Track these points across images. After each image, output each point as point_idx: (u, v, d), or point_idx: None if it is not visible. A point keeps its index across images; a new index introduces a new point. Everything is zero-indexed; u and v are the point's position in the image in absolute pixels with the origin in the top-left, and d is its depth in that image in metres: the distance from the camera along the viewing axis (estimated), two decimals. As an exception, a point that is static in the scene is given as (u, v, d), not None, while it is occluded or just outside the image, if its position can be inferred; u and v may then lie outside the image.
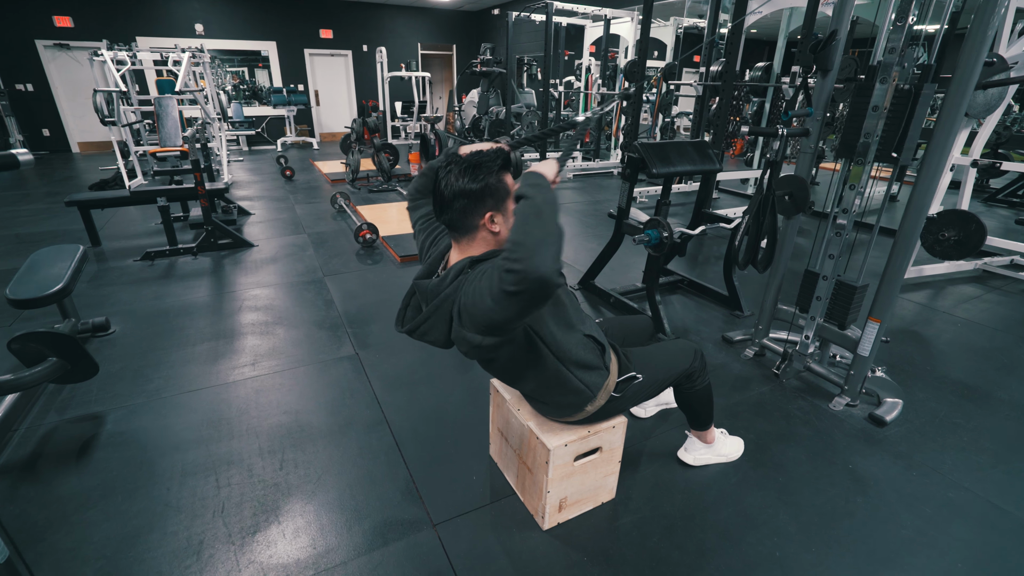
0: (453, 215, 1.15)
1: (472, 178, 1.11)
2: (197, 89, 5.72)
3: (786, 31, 5.81)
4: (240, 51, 9.87)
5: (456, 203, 1.12)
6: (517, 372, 1.32)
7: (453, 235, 1.21)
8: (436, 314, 1.19)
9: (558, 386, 1.34)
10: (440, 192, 1.15)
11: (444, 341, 1.23)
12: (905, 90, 1.78)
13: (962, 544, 1.54)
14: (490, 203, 1.14)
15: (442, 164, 1.18)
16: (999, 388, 2.35)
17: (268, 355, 2.47)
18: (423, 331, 1.24)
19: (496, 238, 1.19)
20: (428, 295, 1.22)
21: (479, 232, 1.17)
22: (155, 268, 3.53)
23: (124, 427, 1.95)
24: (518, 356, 1.26)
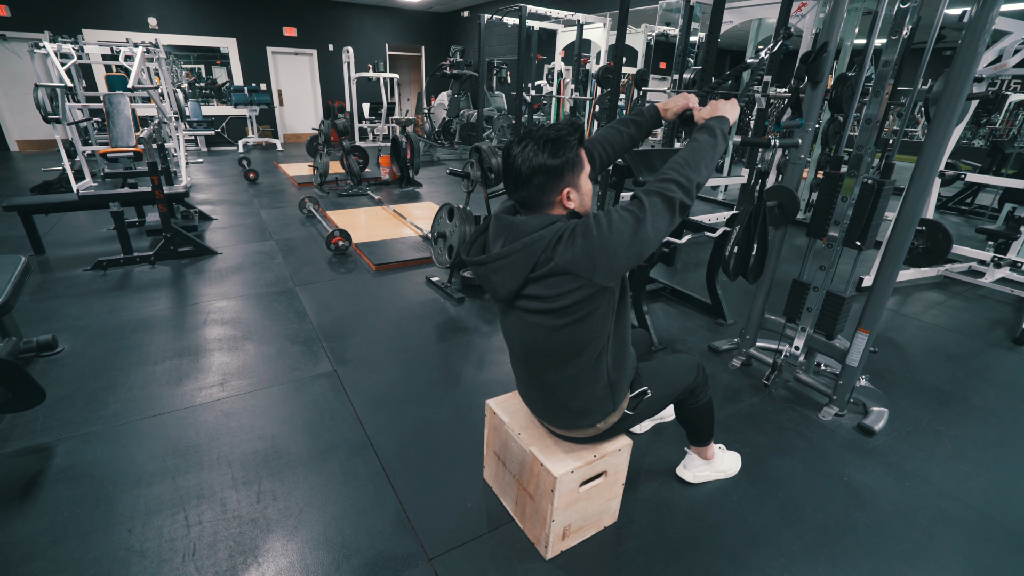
0: (531, 191, 1.12)
1: (552, 153, 1.09)
2: (152, 86, 5.39)
3: (755, 41, 5.96)
4: (197, 47, 9.43)
5: (535, 179, 1.10)
6: (566, 354, 1.22)
7: (526, 212, 1.18)
8: (520, 254, 1.11)
9: (591, 383, 1.26)
10: (516, 168, 1.11)
11: (512, 287, 1.15)
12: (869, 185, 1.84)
13: (960, 556, 1.55)
14: (569, 178, 1.13)
15: (515, 140, 1.14)
16: (974, 394, 2.42)
17: (238, 374, 2.30)
18: (498, 267, 1.15)
19: (570, 211, 1.17)
20: (513, 231, 1.14)
21: (554, 208, 1.16)
22: (108, 278, 3.27)
23: (76, 459, 1.76)
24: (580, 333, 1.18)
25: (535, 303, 1.16)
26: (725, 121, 1.26)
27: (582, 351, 1.22)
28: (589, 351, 1.22)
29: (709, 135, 1.21)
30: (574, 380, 1.26)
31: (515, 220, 1.15)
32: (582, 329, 1.18)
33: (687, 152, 1.17)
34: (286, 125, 10.61)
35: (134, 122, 5.66)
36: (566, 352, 1.22)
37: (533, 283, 1.14)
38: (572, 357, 1.23)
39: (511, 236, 1.15)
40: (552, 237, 1.09)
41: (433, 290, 3.32)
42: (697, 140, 1.20)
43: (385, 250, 3.94)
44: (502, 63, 10.30)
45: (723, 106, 1.30)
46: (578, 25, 7.05)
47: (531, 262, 1.11)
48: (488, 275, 1.19)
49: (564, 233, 1.09)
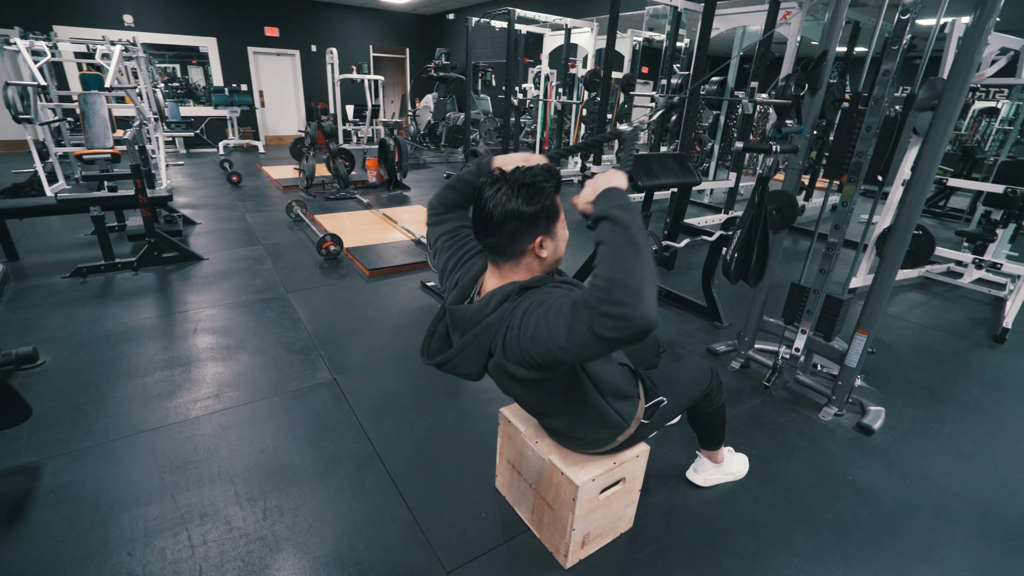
0: (502, 238, 1.05)
1: (527, 200, 1.02)
2: (130, 86, 5.22)
3: (739, 47, 6.07)
4: (174, 46, 9.18)
5: (507, 226, 1.03)
6: (553, 407, 1.23)
7: (494, 259, 1.11)
8: (474, 344, 1.08)
9: (594, 420, 1.26)
10: (487, 213, 1.04)
11: (478, 373, 1.14)
12: (892, 117, 1.85)
13: (964, 550, 1.58)
14: (542, 226, 1.06)
15: (487, 181, 1.06)
16: (962, 391, 2.49)
17: (233, 384, 2.23)
18: (456, 363, 1.14)
19: (542, 263, 1.10)
20: (465, 323, 1.11)
21: (525, 257, 1.09)
22: (89, 286, 3.14)
23: (66, 479, 1.67)
24: (558, 390, 1.17)
25: (504, 381, 1.16)
26: (619, 193, 0.95)
27: (570, 405, 1.22)
28: (576, 400, 1.22)
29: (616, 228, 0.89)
30: (578, 424, 1.28)
31: (466, 312, 1.11)
32: (554, 391, 1.18)
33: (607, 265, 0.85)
34: (268, 127, 10.41)
35: (111, 123, 5.47)
36: (551, 408, 1.23)
37: (492, 369, 1.13)
38: (562, 411, 1.24)
39: (466, 327, 1.12)
40: (498, 324, 1.05)
41: (429, 295, 3.28)
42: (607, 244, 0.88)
43: (377, 255, 3.88)
44: (487, 66, 10.29)
45: (602, 181, 0.99)
46: (566, 29, 7.09)
47: (485, 350, 1.09)
48: (455, 369, 1.16)
49: (506, 323, 1.04)
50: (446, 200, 1.32)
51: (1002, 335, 3.04)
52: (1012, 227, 3.81)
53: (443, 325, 1.22)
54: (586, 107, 7.68)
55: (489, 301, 1.07)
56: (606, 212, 0.92)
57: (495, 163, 1.19)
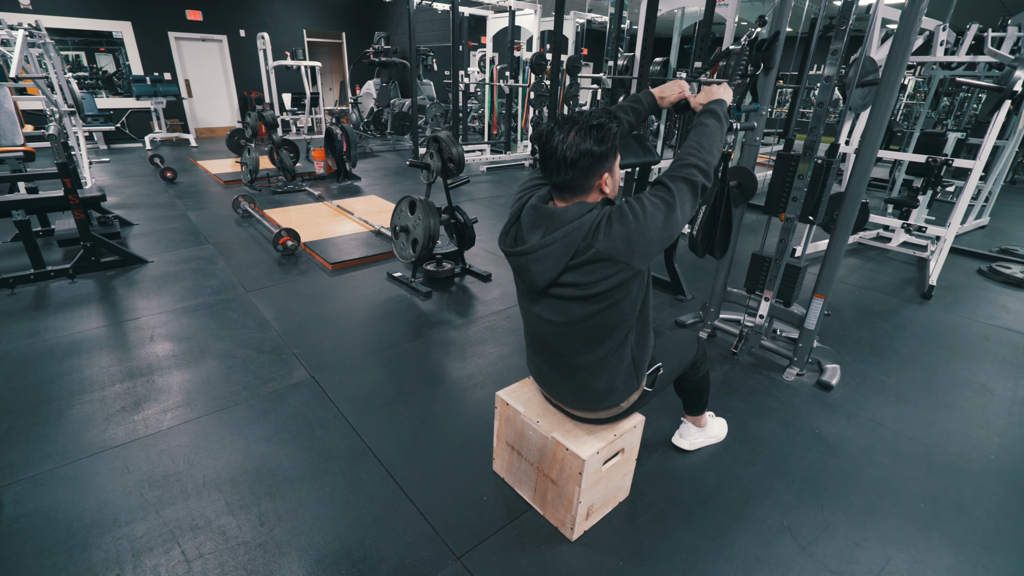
0: (575, 174, 1.13)
1: (598, 140, 1.11)
2: (40, 75, 4.72)
3: (680, 29, 6.24)
4: (80, 31, 8.34)
5: (581, 162, 1.11)
6: (601, 333, 1.26)
7: (563, 195, 1.19)
8: (563, 240, 1.14)
9: (618, 364, 1.32)
10: (561, 153, 1.12)
11: (551, 275, 1.18)
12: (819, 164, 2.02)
13: (917, 485, 1.77)
14: (609, 164, 1.16)
15: (556, 124, 1.15)
16: (901, 345, 2.74)
17: (204, 391, 2.12)
18: (538, 257, 1.18)
19: (604, 198, 1.20)
20: (553, 220, 1.17)
21: (592, 192, 1.18)
22: (19, 298, 2.86)
23: (30, 507, 1.54)
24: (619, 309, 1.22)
25: (571, 290, 1.19)
26: (724, 103, 1.35)
27: (612, 333, 1.26)
28: (619, 333, 1.27)
29: (715, 119, 1.29)
30: (602, 362, 1.30)
31: (554, 210, 1.17)
32: (615, 312, 1.22)
33: (700, 137, 1.23)
34: (197, 118, 9.72)
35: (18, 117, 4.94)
36: (598, 335, 1.26)
37: (571, 271, 1.17)
38: (603, 339, 1.27)
39: (551, 226, 1.17)
40: (591, 224, 1.13)
41: (397, 286, 3.23)
42: (706, 124, 1.27)
43: (338, 248, 3.76)
44: (428, 50, 10.05)
45: (717, 91, 1.38)
46: (510, 12, 7.03)
47: (572, 249, 1.14)
48: (528, 265, 1.20)
49: (602, 220, 1.13)
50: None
51: (929, 292, 3.36)
52: (930, 193, 4.19)
53: (516, 227, 1.26)
54: (534, 90, 7.68)
55: (576, 208, 1.15)
56: (713, 108, 1.32)
57: (655, 92, 1.46)
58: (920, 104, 8.27)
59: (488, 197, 5.73)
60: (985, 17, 5.07)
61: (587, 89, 9.21)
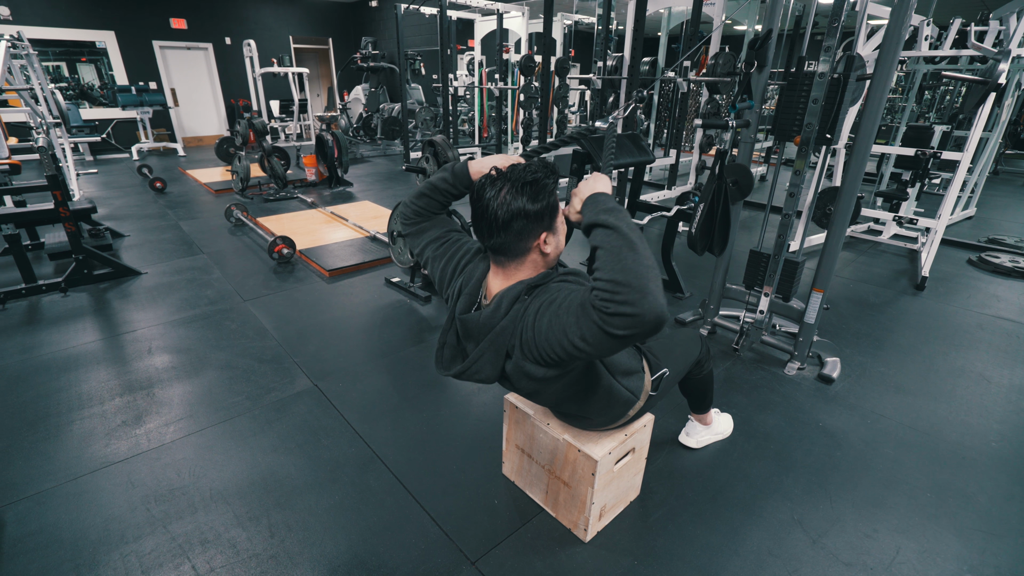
0: (508, 238, 1.03)
1: (532, 198, 1.01)
2: (24, 87, 4.65)
3: (667, 28, 6.29)
4: (61, 41, 8.23)
5: (514, 225, 1.01)
6: (568, 396, 1.24)
7: (498, 259, 1.09)
8: (490, 350, 1.08)
9: (608, 401, 1.29)
10: (492, 213, 1.01)
11: (495, 377, 1.13)
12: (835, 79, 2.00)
13: (922, 474, 1.79)
14: (547, 222, 1.05)
15: (486, 182, 1.04)
16: (898, 336, 2.77)
17: (206, 402, 2.09)
18: (474, 371, 1.13)
19: (545, 259, 1.10)
20: (478, 330, 1.10)
21: (530, 254, 1.07)
22: (10, 314, 2.81)
23: (34, 525, 1.52)
24: (574, 381, 1.18)
25: (520, 380, 1.13)
26: (606, 198, 1.00)
27: (585, 393, 1.24)
28: (591, 387, 1.24)
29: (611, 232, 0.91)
30: (592, 407, 1.30)
31: (479, 320, 1.10)
32: (573, 384, 1.19)
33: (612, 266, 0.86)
34: (185, 127, 9.62)
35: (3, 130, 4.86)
36: (570, 396, 1.24)
37: (510, 371, 1.12)
38: (577, 399, 1.25)
39: (479, 335, 1.11)
40: (512, 326, 1.05)
41: (396, 291, 3.21)
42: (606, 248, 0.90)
43: (334, 255, 3.74)
44: (416, 54, 10.03)
45: (587, 187, 1.04)
46: (498, 15, 7.04)
47: (502, 353, 1.09)
48: (472, 377, 1.15)
49: (520, 324, 1.04)
50: (420, 209, 1.27)
51: (922, 283, 3.41)
52: (919, 186, 4.25)
53: (452, 334, 1.19)
54: (523, 92, 7.69)
55: (499, 305, 1.06)
56: (595, 219, 0.95)
57: (474, 167, 1.19)
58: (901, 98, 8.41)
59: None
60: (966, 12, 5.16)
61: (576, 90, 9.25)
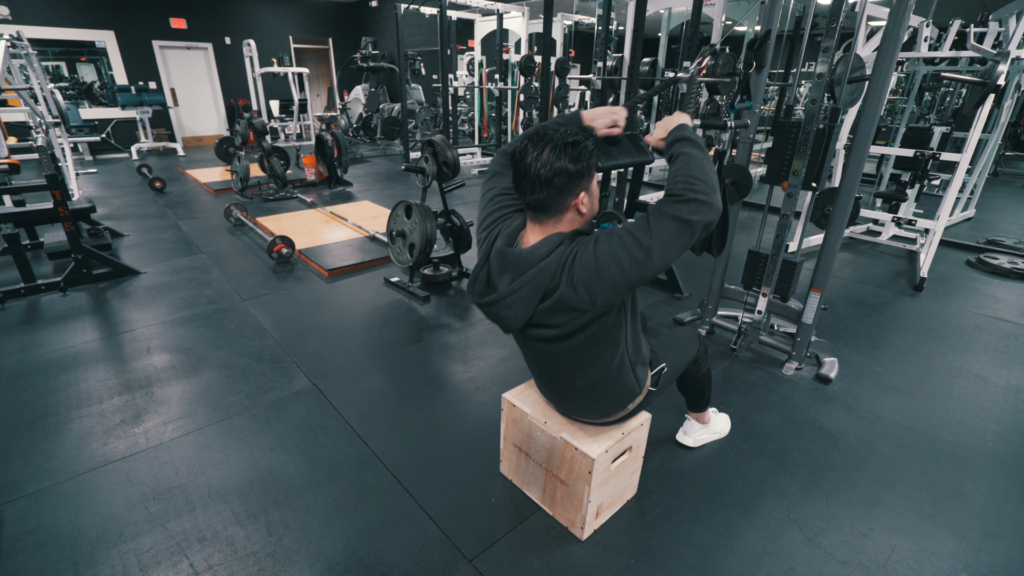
0: (549, 194, 1.09)
1: (573, 158, 1.07)
2: (23, 87, 4.66)
3: (667, 29, 6.30)
4: (61, 41, 8.23)
5: (556, 181, 1.08)
6: (587, 359, 1.24)
7: (536, 215, 1.15)
8: (529, 285, 1.11)
9: (615, 380, 1.30)
10: (535, 172, 1.08)
11: (523, 319, 1.15)
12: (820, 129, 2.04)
13: (918, 474, 1.79)
14: (585, 183, 1.11)
15: (529, 140, 1.10)
16: (896, 337, 2.78)
17: (205, 401, 2.10)
18: (506, 304, 1.15)
19: (582, 218, 1.16)
20: (518, 264, 1.14)
21: (568, 212, 1.14)
22: (9, 313, 2.82)
23: (32, 523, 1.52)
24: (598, 340, 1.20)
25: (547, 331, 1.17)
26: (688, 128, 1.21)
27: (600, 356, 1.25)
28: (607, 356, 1.26)
29: (692, 146, 1.15)
30: (599, 381, 1.30)
31: (520, 253, 1.14)
32: (598, 342, 1.21)
33: (687, 168, 1.09)
34: (184, 127, 9.63)
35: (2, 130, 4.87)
36: (588, 361, 1.25)
37: (542, 313, 1.14)
38: (593, 363, 1.26)
39: (519, 269, 1.13)
40: (558, 265, 1.09)
41: (395, 291, 3.22)
42: (687, 154, 1.13)
43: (333, 254, 3.74)
44: (416, 54, 10.05)
45: (673, 119, 1.24)
46: (498, 15, 7.05)
47: (540, 292, 1.11)
48: (499, 312, 1.17)
49: (567, 261, 1.09)
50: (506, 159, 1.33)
51: (920, 284, 3.41)
52: (917, 187, 4.25)
53: (485, 271, 1.22)
54: (523, 92, 7.70)
55: (543, 244, 1.11)
56: (681, 135, 1.18)
57: (585, 117, 1.29)
58: (902, 99, 8.41)
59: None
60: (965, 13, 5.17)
61: (576, 90, 9.26)
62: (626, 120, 1.29)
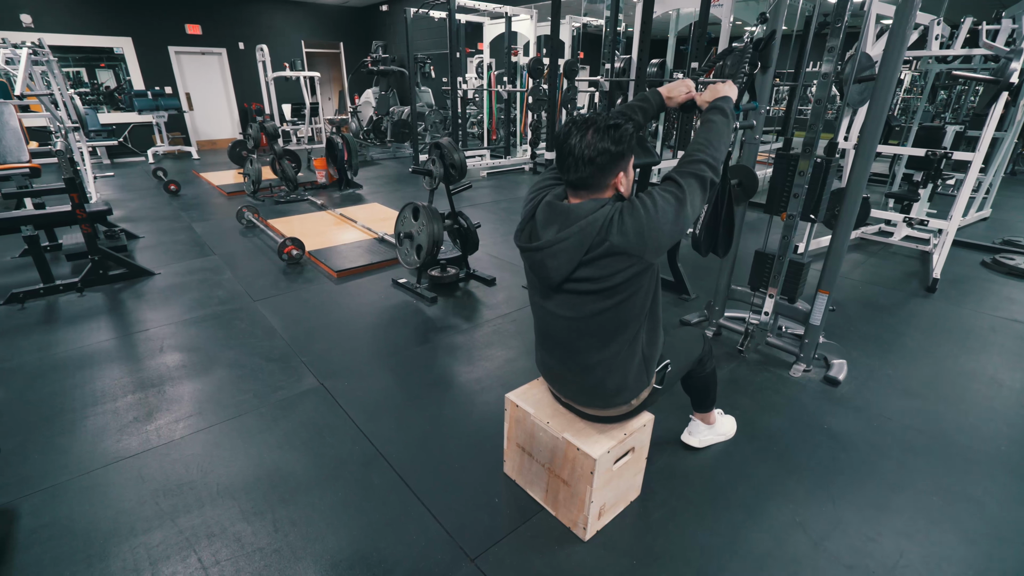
0: (592, 171, 1.16)
1: (615, 140, 1.14)
2: (44, 93, 4.78)
3: (675, 30, 6.28)
4: (81, 48, 8.43)
5: (598, 160, 1.14)
6: (614, 322, 1.27)
7: (578, 193, 1.22)
8: (577, 235, 1.17)
9: (628, 360, 1.33)
10: (579, 151, 1.15)
11: (567, 269, 1.20)
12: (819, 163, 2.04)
13: (929, 478, 1.77)
14: (624, 163, 1.19)
15: (574, 123, 1.18)
16: (907, 339, 2.74)
17: (214, 400, 2.13)
18: (553, 252, 1.20)
19: (616, 194, 1.22)
20: (568, 215, 1.20)
21: (607, 191, 1.20)
22: (29, 312, 2.89)
23: (48, 517, 1.56)
24: (630, 304, 1.25)
25: (586, 284, 1.21)
26: (730, 100, 1.38)
27: (625, 329, 1.28)
28: (631, 329, 1.29)
29: (722, 115, 1.32)
30: (614, 358, 1.31)
31: (569, 206, 1.20)
32: (627, 307, 1.25)
33: (707, 134, 1.27)
34: (199, 131, 9.80)
35: (24, 134, 4.99)
36: (610, 331, 1.28)
37: (586, 265, 1.19)
38: (615, 335, 1.29)
39: (566, 221, 1.20)
40: (605, 219, 1.15)
41: (403, 292, 3.24)
42: (712, 121, 1.30)
43: (342, 256, 3.79)
44: (426, 58, 10.12)
45: (722, 88, 1.41)
46: (506, 18, 7.08)
47: (586, 244, 1.16)
48: (544, 260, 1.23)
49: (615, 215, 1.16)
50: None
51: (933, 285, 3.36)
52: (930, 187, 4.19)
53: (531, 224, 1.29)
54: (531, 94, 7.72)
55: (589, 204, 1.19)
56: (720, 104, 1.35)
57: (663, 91, 1.48)
58: (917, 98, 8.29)
59: (490, 202, 5.75)
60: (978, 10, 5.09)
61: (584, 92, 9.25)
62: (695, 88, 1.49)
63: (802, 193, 2.19)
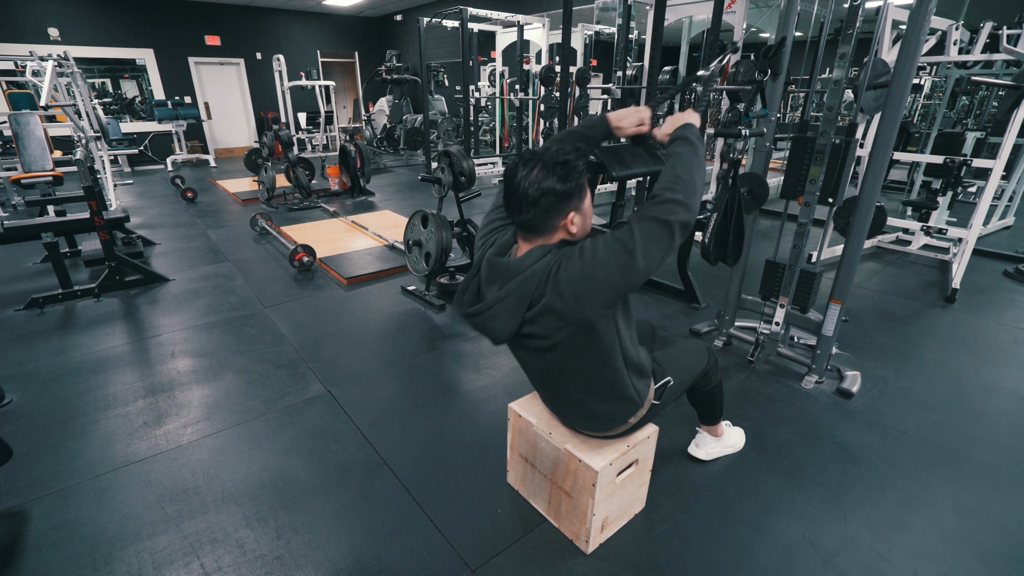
0: (536, 214, 1.09)
1: (562, 178, 1.07)
2: (68, 103, 4.92)
3: (688, 37, 6.26)
4: (105, 59, 8.67)
5: (543, 202, 1.07)
6: (581, 368, 1.23)
7: (526, 235, 1.16)
8: (515, 294, 1.11)
9: (613, 391, 1.29)
10: (523, 191, 1.07)
11: (509, 329, 1.14)
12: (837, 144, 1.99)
13: (945, 495, 1.71)
14: (575, 203, 1.11)
15: (522, 159, 1.10)
16: (924, 350, 2.67)
17: (223, 406, 2.16)
18: (492, 314, 1.14)
19: (572, 238, 1.14)
20: (506, 273, 1.13)
21: (557, 232, 1.13)
22: (47, 317, 2.96)
23: (57, 520, 1.59)
24: (590, 350, 1.18)
25: (535, 341, 1.17)
26: (693, 127, 1.23)
27: (597, 367, 1.23)
28: (605, 365, 1.23)
29: (687, 145, 1.17)
30: (598, 391, 1.29)
31: (508, 262, 1.14)
32: (588, 351, 1.19)
33: (675, 168, 1.12)
34: (216, 139, 10.00)
35: (48, 143, 5.14)
36: (582, 371, 1.24)
37: (529, 323, 1.14)
38: (588, 372, 1.24)
39: (506, 278, 1.13)
40: (543, 274, 1.09)
41: (411, 299, 3.26)
42: (678, 154, 1.16)
43: (352, 263, 3.82)
44: (439, 66, 10.21)
45: (683, 116, 1.27)
46: (518, 26, 7.13)
47: (526, 301, 1.10)
48: (486, 323, 1.17)
49: (552, 269, 1.09)
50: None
51: (952, 295, 3.28)
52: (950, 195, 4.10)
53: (476, 281, 1.22)
54: (543, 102, 7.74)
55: (530, 255, 1.12)
56: (683, 134, 1.20)
57: (612, 119, 1.34)
58: (938, 104, 8.14)
59: (500, 209, 5.76)
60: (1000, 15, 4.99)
61: (597, 100, 9.26)
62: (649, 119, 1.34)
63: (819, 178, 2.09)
